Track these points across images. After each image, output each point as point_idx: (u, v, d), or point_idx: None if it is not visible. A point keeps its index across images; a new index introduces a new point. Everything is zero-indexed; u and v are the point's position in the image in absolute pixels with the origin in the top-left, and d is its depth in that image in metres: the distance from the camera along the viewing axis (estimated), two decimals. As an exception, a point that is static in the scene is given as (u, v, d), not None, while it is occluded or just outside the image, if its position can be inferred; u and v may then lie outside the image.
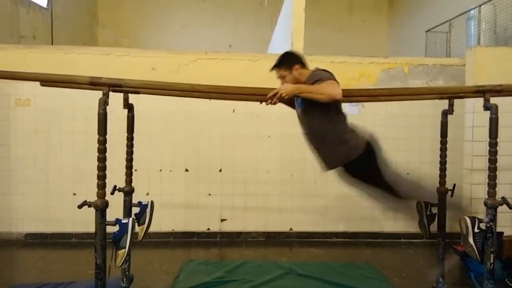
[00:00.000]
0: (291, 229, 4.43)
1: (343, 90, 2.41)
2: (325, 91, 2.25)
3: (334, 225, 4.42)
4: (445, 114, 2.89)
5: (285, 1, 5.63)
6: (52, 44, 7.94)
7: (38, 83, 2.38)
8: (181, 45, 10.15)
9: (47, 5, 8.12)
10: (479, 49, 4.08)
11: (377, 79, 4.43)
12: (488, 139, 2.36)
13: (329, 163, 2.58)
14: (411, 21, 9.83)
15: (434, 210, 2.97)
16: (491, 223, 2.32)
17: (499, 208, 2.36)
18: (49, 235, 4.27)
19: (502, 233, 3.43)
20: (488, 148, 2.38)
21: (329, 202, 4.42)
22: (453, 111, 2.80)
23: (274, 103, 2.38)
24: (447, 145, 3.01)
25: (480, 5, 5.66)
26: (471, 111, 3.93)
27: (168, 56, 4.35)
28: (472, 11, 5.87)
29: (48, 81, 2.42)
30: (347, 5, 11.11)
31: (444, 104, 2.84)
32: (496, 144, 2.35)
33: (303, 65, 2.49)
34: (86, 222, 3.99)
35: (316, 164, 4.37)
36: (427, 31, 7.58)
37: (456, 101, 2.81)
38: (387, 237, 4.44)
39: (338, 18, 10.78)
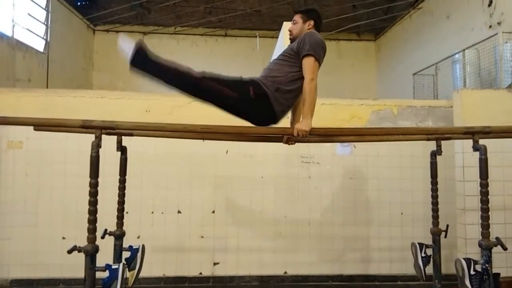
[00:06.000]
0: (285, 272, 4.33)
1: (335, 129, 2.47)
2: (311, 92, 2.40)
3: (330, 268, 4.34)
4: (434, 155, 2.93)
5: (276, 46, 5.82)
6: (47, 87, 8.05)
7: (31, 125, 2.40)
8: (175, 87, 10.32)
9: (44, 50, 8.30)
10: (465, 91, 4.20)
11: (367, 120, 4.51)
12: (479, 180, 2.39)
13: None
14: (398, 65, 10.18)
15: (429, 251, 2.95)
16: (486, 265, 2.31)
17: (494, 248, 2.35)
18: (35, 281, 4.12)
19: (498, 274, 3.37)
20: (479, 188, 2.40)
21: (324, 244, 4.36)
22: (441, 152, 2.84)
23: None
24: (440, 185, 3.03)
25: (464, 50, 5.89)
26: (460, 151, 3.99)
27: (162, 99, 4.41)
28: (456, 55, 6.10)
29: (41, 125, 2.44)
30: (336, 50, 11.51)
31: (434, 144, 2.89)
32: (487, 184, 2.38)
33: (316, 24, 2.68)
34: (74, 268, 3.89)
35: (309, 205, 4.38)
36: (414, 74, 7.81)
37: (445, 142, 2.87)
38: (383, 279, 4.35)
39: (327, 62, 10.96)
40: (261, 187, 4.38)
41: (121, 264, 2.23)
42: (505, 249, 2.34)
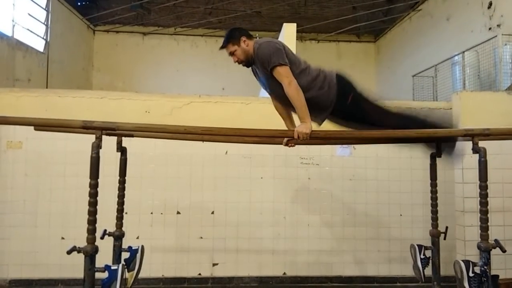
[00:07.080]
0: (284, 273, 4.33)
1: (335, 131, 2.48)
2: (295, 96, 2.40)
3: (329, 269, 4.34)
4: (433, 157, 2.93)
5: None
6: (47, 87, 8.05)
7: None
8: (175, 88, 10.35)
9: (44, 50, 8.30)
10: (465, 93, 4.21)
11: (367, 122, 4.50)
12: (479, 182, 2.39)
13: (318, 117, 2.64)
14: (398, 66, 10.18)
15: (428, 253, 2.95)
16: (485, 267, 2.31)
17: (493, 250, 2.35)
18: (34, 281, 4.12)
19: (497, 276, 3.37)
20: (478, 190, 2.40)
21: (323, 245, 4.36)
22: (441, 154, 2.84)
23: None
24: (439, 187, 3.04)
25: (464, 52, 5.90)
26: (459, 153, 3.99)
27: (162, 100, 4.41)
28: (456, 57, 6.11)
29: (42, 125, 2.44)
30: (336, 51, 11.51)
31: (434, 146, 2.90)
32: (486, 186, 2.38)
33: (248, 36, 2.58)
34: (73, 268, 3.89)
35: (308, 206, 4.37)
36: (413, 76, 7.82)
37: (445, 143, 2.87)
38: (382, 281, 4.35)
39: (327, 63, 11.00)
40: (260, 188, 4.38)
41: (120, 265, 2.23)
42: (503, 251, 2.34)
